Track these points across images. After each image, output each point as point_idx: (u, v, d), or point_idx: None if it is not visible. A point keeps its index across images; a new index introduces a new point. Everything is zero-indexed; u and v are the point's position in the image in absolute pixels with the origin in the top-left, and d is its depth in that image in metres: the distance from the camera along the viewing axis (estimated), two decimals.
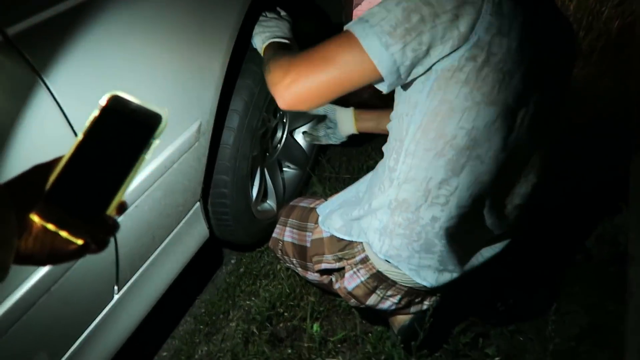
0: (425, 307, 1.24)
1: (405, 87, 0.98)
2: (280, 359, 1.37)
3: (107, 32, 0.86)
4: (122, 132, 0.50)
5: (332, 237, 1.20)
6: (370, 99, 1.94)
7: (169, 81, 1.01)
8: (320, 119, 1.58)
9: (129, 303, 1.12)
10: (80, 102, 0.81)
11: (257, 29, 1.26)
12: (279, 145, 1.68)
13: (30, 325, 0.84)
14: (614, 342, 1.32)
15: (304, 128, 1.78)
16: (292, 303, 1.50)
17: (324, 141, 1.58)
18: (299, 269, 1.36)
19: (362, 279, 1.17)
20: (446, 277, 1.12)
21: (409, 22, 0.87)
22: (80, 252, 0.52)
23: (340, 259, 1.19)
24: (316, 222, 1.26)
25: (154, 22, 0.96)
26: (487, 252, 1.18)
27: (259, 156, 1.57)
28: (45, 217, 0.49)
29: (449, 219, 1.03)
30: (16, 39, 0.73)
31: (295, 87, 0.93)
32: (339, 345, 1.41)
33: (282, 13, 1.34)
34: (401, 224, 1.06)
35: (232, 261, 1.69)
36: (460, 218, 1.04)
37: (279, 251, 1.38)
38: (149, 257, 1.15)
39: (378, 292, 1.18)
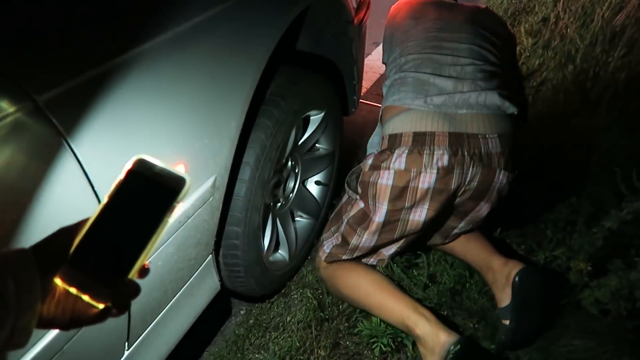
0: (435, 157, 1.36)
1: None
2: None
3: (131, 97, 0.90)
4: (147, 195, 0.51)
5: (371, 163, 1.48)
6: None
7: (187, 140, 1.04)
8: None
9: (139, 359, 1.12)
10: (103, 165, 0.84)
11: None
12: (291, 195, 1.70)
13: None
14: None
15: (317, 177, 1.80)
16: (301, 357, 1.48)
17: None
18: (334, 234, 1.57)
19: (379, 151, 1.44)
20: (421, 99, 1.41)
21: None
22: (101, 316, 0.52)
23: (377, 167, 1.43)
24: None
25: (175, 84, 1.00)
26: (474, 92, 1.43)
27: (271, 207, 1.58)
28: (68, 281, 0.49)
29: (409, 58, 1.52)
30: (45, 106, 0.76)
31: None
32: None
33: None
34: (390, 75, 1.55)
35: (242, 312, 1.67)
36: (418, 53, 1.52)
37: (321, 242, 1.60)
38: (161, 312, 1.15)
39: (393, 153, 1.40)
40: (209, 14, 1.07)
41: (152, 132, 0.96)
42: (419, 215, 1.41)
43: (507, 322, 1.44)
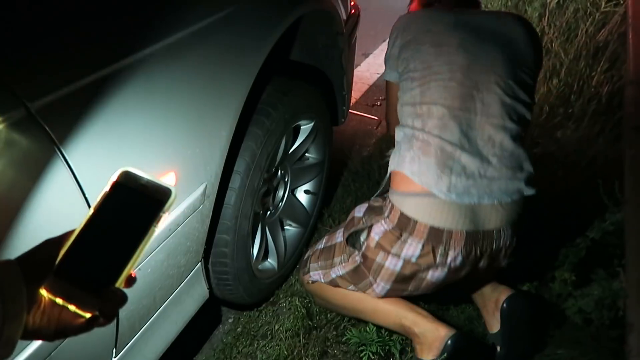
0: (449, 260, 1.30)
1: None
2: None
3: (123, 105, 0.91)
4: (132, 206, 0.52)
5: (367, 209, 1.42)
6: None
7: (179, 148, 1.05)
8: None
9: None
10: (94, 173, 0.84)
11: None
12: (280, 204, 1.71)
13: None
14: None
15: (306, 187, 1.82)
16: None
17: None
18: (322, 271, 1.50)
19: (388, 228, 1.33)
20: (444, 180, 1.28)
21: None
22: (87, 325, 0.52)
23: (371, 219, 1.38)
24: (350, 218, 1.47)
25: (167, 93, 1.01)
26: (497, 179, 1.31)
27: (260, 215, 1.59)
28: (54, 291, 0.50)
29: (436, 121, 1.32)
30: (38, 113, 0.77)
31: None
32: None
33: None
34: (405, 136, 1.37)
35: (230, 320, 1.67)
36: (447, 120, 1.32)
37: (307, 263, 1.54)
38: (149, 319, 1.15)
39: (402, 237, 1.32)
40: (201, 24, 1.09)
41: (144, 140, 0.97)
42: (423, 290, 1.41)
43: (498, 347, 1.47)
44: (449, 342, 1.33)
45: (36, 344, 0.82)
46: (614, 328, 1.52)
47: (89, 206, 0.82)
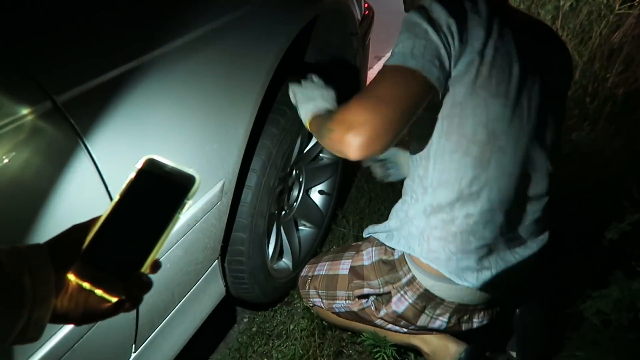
0: (475, 324, 1.27)
1: None
2: None
3: (145, 100, 0.92)
4: (157, 193, 0.53)
5: (378, 262, 1.28)
6: None
7: (197, 144, 1.06)
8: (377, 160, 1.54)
9: None
10: (116, 166, 0.85)
11: (300, 97, 1.21)
12: (295, 203, 1.72)
13: None
14: None
15: (320, 187, 1.82)
16: None
17: (381, 179, 1.56)
18: (324, 300, 1.42)
19: (410, 300, 1.23)
20: (486, 275, 1.15)
21: (436, 49, 1.00)
22: (113, 310, 0.53)
23: (386, 283, 1.25)
24: (356, 251, 1.36)
25: (187, 90, 1.02)
26: (522, 251, 1.21)
27: (275, 215, 1.60)
28: (81, 275, 0.50)
29: (481, 214, 1.11)
30: (63, 106, 0.78)
31: (365, 130, 0.93)
32: None
33: (323, 82, 1.26)
34: (437, 226, 1.14)
35: (245, 320, 1.67)
36: (492, 213, 1.12)
37: (306, 286, 1.46)
38: (168, 315, 1.16)
39: (427, 311, 1.23)
40: (220, 22, 1.10)
41: (163, 134, 0.98)
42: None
43: (514, 354, 1.42)
44: (462, 357, 1.31)
45: (60, 335, 0.83)
46: (633, 329, 1.50)
47: (111, 197, 0.84)
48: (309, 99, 1.19)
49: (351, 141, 0.94)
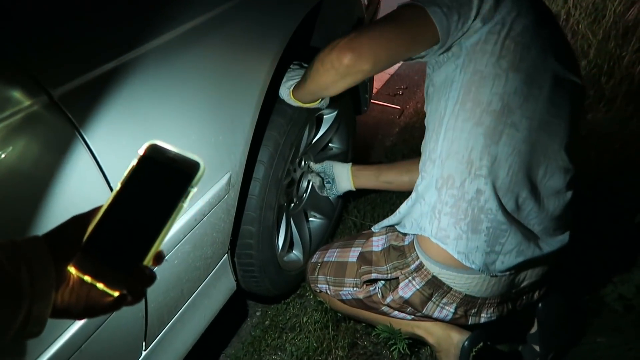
0: (482, 319, 1.25)
1: (439, 73, 1.12)
2: None
3: (144, 92, 0.89)
4: (160, 180, 0.50)
5: (388, 248, 1.28)
6: None
7: (202, 136, 1.03)
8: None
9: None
10: (116, 159, 0.83)
11: (285, 79, 1.30)
12: (304, 195, 1.68)
13: None
14: None
15: None
16: (319, 358, 1.45)
17: (319, 191, 1.66)
18: (331, 287, 1.41)
19: (418, 287, 1.22)
20: (493, 258, 1.13)
21: (460, 2, 1.04)
22: (116, 304, 0.51)
23: (395, 269, 1.25)
24: (367, 239, 1.35)
25: (188, 79, 0.99)
26: (536, 246, 1.16)
27: (284, 207, 1.57)
28: (82, 268, 0.48)
29: (492, 192, 1.09)
30: (60, 100, 0.75)
31: (360, 38, 1.03)
32: None
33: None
34: (448, 202, 1.13)
35: (257, 313, 1.66)
36: (503, 194, 1.10)
37: (316, 271, 1.44)
38: (178, 312, 1.14)
39: (434, 299, 1.22)
40: (222, 9, 1.07)
41: (165, 127, 0.95)
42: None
43: (537, 348, 1.40)
44: (465, 345, 1.28)
45: (68, 334, 0.81)
46: None
47: (111, 190, 0.81)
48: (292, 77, 1.29)
49: (343, 44, 1.04)
